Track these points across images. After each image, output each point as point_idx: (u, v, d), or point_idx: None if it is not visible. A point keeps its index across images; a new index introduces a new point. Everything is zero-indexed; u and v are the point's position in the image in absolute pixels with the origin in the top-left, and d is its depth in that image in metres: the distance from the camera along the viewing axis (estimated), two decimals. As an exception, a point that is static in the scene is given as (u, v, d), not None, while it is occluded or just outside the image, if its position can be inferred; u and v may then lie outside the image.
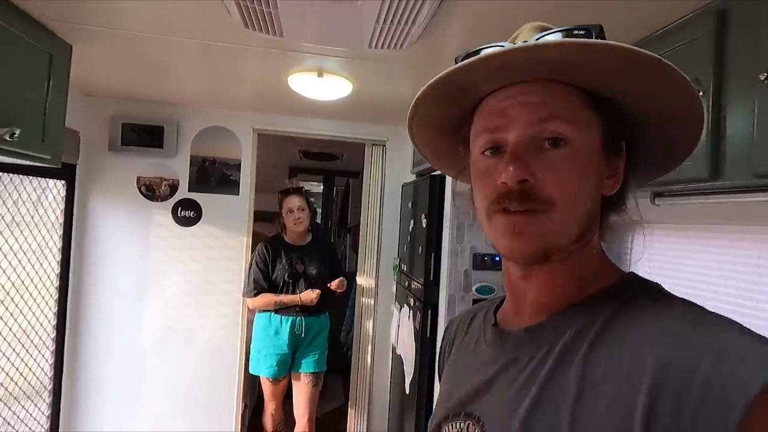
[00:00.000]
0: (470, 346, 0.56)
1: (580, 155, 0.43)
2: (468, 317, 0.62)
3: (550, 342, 0.44)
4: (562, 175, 0.43)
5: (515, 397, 0.43)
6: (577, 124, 0.43)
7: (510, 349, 0.48)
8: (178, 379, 2.60)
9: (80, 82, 2.27)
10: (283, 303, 2.35)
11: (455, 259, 1.95)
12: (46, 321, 2.28)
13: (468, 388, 0.51)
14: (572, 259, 0.46)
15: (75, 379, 2.49)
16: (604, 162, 0.45)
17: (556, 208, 0.42)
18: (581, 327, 0.43)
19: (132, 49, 1.73)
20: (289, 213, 2.42)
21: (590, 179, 0.44)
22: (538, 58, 0.42)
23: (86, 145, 2.46)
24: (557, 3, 1.16)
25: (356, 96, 2.12)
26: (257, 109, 2.63)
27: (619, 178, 0.46)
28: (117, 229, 2.54)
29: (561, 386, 0.41)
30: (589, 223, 0.46)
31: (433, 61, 1.69)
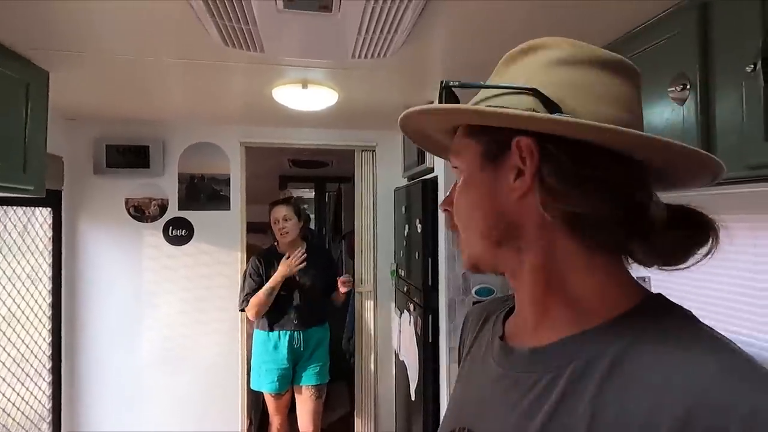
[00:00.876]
0: (479, 355, 0.55)
1: (464, 182, 0.49)
2: (481, 315, 0.60)
3: (556, 368, 0.42)
4: (456, 204, 0.50)
5: (518, 423, 0.43)
6: (460, 154, 0.50)
7: (514, 369, 0.47)
8: (179, 399, 2.57)
9: (61, 107, 2.22)
10: (272, 288, 2.26)
11: (452, 263, 1.94)
12: (39, 350, 2.23)
13: (473, 404, 0.51)
14: (528, 272, 0.46)
15: (74, 407, 2.45)
16: (491, 172, 0.46)
17: (460, 228, 0.50)
18: (592, 357, 0.40)
19: (112, 71, 1.70)
20: (275, 223, 2.38)
21: (475, 197, 0.48)
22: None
23: (70, 169, 2.42)
24: (538, 3, 1.16)
25: (343, 104, 2.10)
26: (243, 123, 2.60)
27: (525, 175, 0.43)
28: (108, 253, 2.50)
29: (569, 422, 0.39)
30: (503, 235, 0.46)
31: (418, 64, 1.68)
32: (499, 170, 0.45)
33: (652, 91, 1.15)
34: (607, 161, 0.41)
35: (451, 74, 1.80)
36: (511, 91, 0.44)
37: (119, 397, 2.50)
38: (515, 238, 0.45)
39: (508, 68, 0.48)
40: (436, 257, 2.04)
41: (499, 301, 0.59)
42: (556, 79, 0.43)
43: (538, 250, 0.44)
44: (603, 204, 0.41)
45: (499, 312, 0.57)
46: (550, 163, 0.42)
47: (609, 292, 0.43)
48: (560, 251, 0.44)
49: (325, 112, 2.23)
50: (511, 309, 0.55)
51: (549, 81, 0.43)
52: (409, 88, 1.97)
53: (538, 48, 0.46)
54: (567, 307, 0.44)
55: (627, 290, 0.44)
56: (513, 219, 0.45)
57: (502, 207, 0.45)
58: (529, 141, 0.43)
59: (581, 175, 0.41)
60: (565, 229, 0.43)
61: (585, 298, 0.43)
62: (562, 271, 0.44)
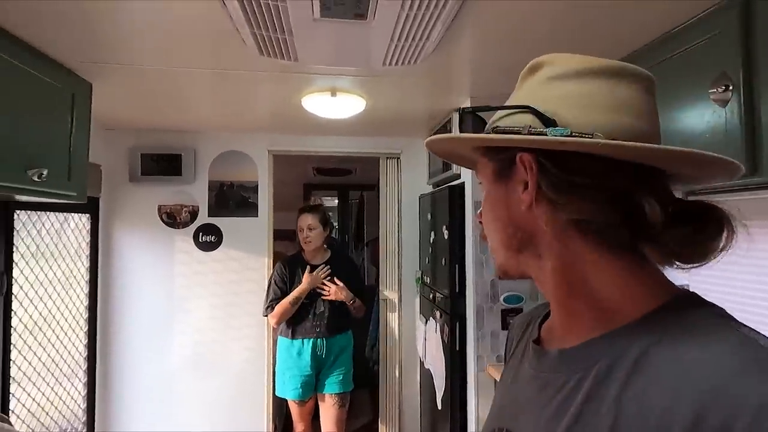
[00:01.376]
0: (518, 359, 0.57)
1: (485, 194, 0.54)
2: (525, 321, 0.62)
3: (583, 370, 0.43)
4: (483, 213, 0.55)
5: (547, 424, 0.44)
6: (479, 173, 0.55)
7: (545, 370, 0.48)
8: (209, 403, 2.61)
9: (100, 116, 2.32)
10: (297, 298, 2.29)
11: (480, 270, 1.93)
12: (76, 352, 2.31)
13: (511, 405, 0.53)
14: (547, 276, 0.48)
15: (107, 408, 2.51)
16: (502, 185, 0.50)
17: (487, 238, 0.54)
18: (616, 357, 0.41)
19: (148, 82, 1.77)
20: (300, 231, 2.40)
21: (493, 210, 0.52)
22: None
23: (108, 177, 2.52)
24: (570, 3, 1.15)
25: (370, 112, 2.13)
26: (272, 131, 2.66)
27: (530, 188, 0.46)
28: (141, 258, 2.58)
29: (593, 422, 0.40)
30: (519, 242, 0.49)
31: (446, 71, 1.69)
32: (510, 184, 0.49)
33: (690, 93, 1.13)
34: (602, 167, 0.43)
35: (479, 80, 1.81)
36: (515, 110, 0.48)
37: (151, 399, 2.55)
38: (533, 245, 0.48)
39: (520, 87, 0.52)
40: (464, 264, 2.02)
41: (542, 307, 0.60)
42: (551, 94, 0.47)
43: (555, 255, 0.46)
44: (600, 209, 0.43)
45: (538, 316, 0.58)
46: (546, 175, 0.45)
47: (633, 291, 0.44)
48: (575, 255, 0.45)
49: (352, 119, 2.26)
50: (548, 314, 0.56)
51: (545, 97, 0.47)
52: (437, 95, 1.98)
53: (538, 66, 0.50)
54: (591, 309, 0.45)
55: (653, 289, 0.44)
56: (527, 228, 0.48)
57: (516, 217, 0.48)
58: (529, 156, 0.46)
59: (574, 184, 0.43)
60: (575, 234, 0.45)
61: (608, 298, 0.44)
62: (581, 273, 0.45)
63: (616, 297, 0.44)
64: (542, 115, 0.45)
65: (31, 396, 1.93)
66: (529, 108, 0.46)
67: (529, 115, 0.46)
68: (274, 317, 2.35)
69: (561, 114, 0.45)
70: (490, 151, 0.52)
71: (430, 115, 2.28)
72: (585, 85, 0.46)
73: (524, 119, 0.47)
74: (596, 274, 0.44)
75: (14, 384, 1.83)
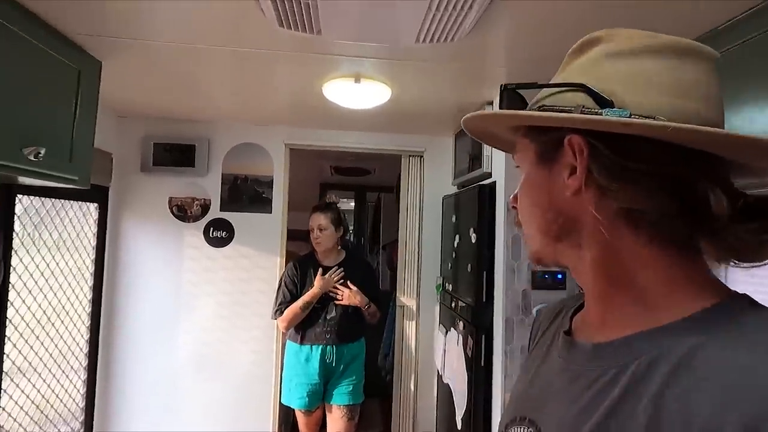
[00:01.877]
0: (545, 347, 0.55)
1: (524, 178, 0.51)
2: (554, 311, 0.60)
3: (620, 365, 0.41)
4: (519, 198, 0.52)
5: (577, 417, 0.42)
6: (519, 156, 0.51)
7: (577, 363, 0.46)
8: (212, 406, 2.47)
9: (113, 102, 2.24)
10: (308, 303, 2.15)
11: (511, 277, 1.75)
12: (77, 347, 2.20)
13: (535, 395, 0.51)
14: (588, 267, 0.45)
15: (107, 405, 2.40)
16: (545, 170, 0.47)
17: (523, 224, 0.52)
18: (658, 355, 0.38)
19: (163, 61, 1.65)
20: (311, 231, 2.26)
21: (533, 194, 0.49)
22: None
23: (119, 166, 2.42)
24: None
25: (394, 103, 1.98)
26: (289, 124, 2.54)
27: (579, 173, 0.43)
28: (149, 252, 2.47)
29: (629, 420, 0.38)
30: (559, 229, 0.46)
31: (479, 59, 1.54)
32: (554, 168, 0.46)
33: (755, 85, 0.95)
34: (659, 153, 0.39)
35: (515, 70, 1.64)
36: (563, 89, 0.45)
37: (152, 398, 2.43)
38: (574, 233, 0.45)
39: (569, 64, 0.48)
40: (492, 270, 1.84)
41: (574, 298, 0.58)
42: (608, 73, 0.43)
43: (598, 246, 0.44)
44: (656, 198, 0.40)
45: (570, 307, 0.56)
46: (598, 160, 0.41)
47: (681, 288, 0.41)
48: (621, 246, 0.43)
49: (375, 112, 2.12)
50: (582, 305, 0.53)
51: (601, 75, 0.43)
52: (467, 86, 1.82)
53: (593, 42, 0.46)
54: (633, 304, 0.43)
55: (703, 288, 0.41)
56: (570, 215, 0.45)
57: (559, 204, 0.46)
58: (579, 139, 0.42)
59: (630, 170, 0.40)
60: (623, 223, 0.42)
61: (653, 294, 0.42)
62: (625, 266, 0.43)
63: (661, 293, 0.41)
64: (597, 95, 0.42)
65: (24, 393, 1.82)
66: (583, 86, 0.43)
67: (582, 93, 0.43)
68: (283, 321, 2.20)
69: (618, 94, 0.42)
70: (532, 132, 0.48)
71: (458, 108, 2.11)
72: (646, 64, 0.42)
73: (576, 98, 0.43)
74: (642, 268, 0.42)
75: (6, 379, 1.72)
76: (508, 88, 0.51)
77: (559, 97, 0.45)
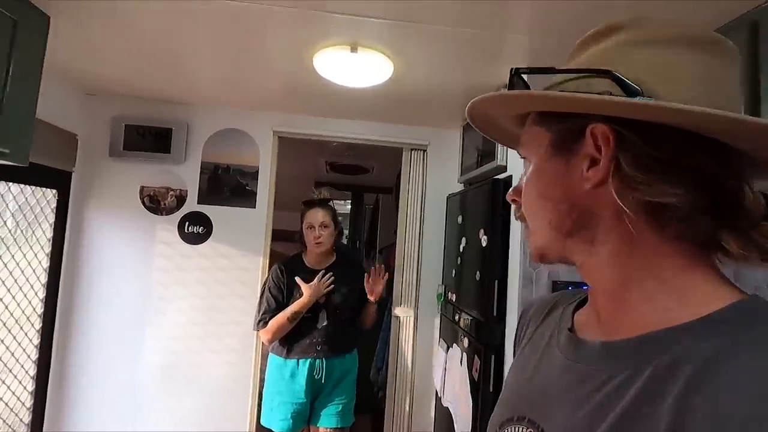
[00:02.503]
0: (542, 343, 0.52)
1: (533, 169, 0.47)
2: (547, 305, 0.57)
3: (634, 366, 0.38)
4: (525, 191, 0.49)
5: (586, 420, 0.40)
6: (530, 143, 0.48)
7: (584, 362, 0.44)
8: (180, 424, 2.18)
9: (79, 77, 1.98)
10: (296, 313, 1.88)
11: (528, 288, 1.48)
12: (23, 353, 1.91)
13: (533, 394, 0.48)
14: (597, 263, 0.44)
15: (59, 419, 2.10)
16: (560, 160, 0.44)
17: (528, 218, 0.49)
18: (678, 358, 0.36)
19: (134, 22, 1.40)
20: (310, 229, 1.98)
21: (545, 183, 0.46)
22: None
23: (84, 149, 2.15)
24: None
25: (396, 84, 1.73)
26: (278, 108, 2.28)
27: (600, 163, 0.41)
28: (115, 246, 2.19)
29: (647, 421, 0.36)
30: (572, 223, 0.44)
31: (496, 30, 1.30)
32: (571, 159, 0.43)
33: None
34: (690, 147, 0.38)
35: (535, 43, 1.40)
36: (585, 75, 0.42)
37: (111, 414, 2.14)
38: (588, 228, 0.43)
39: (584, 51, 0.45)
40: (505, 280, 1.58)
41: (569, 294, 0.56)
42: (635, 61, 0.41)
43: (614, 242, 0.42)
44: (687, 193, 0.38)
45: (568, 303, 0.54)
46: (628, 150, 0.40)
47: (697, 288, 0.40)
48: (639, 243, 0.41)
49: (374, 96, 1.86)
50: (582, 301, 0.52)
51: (627, 63, 0.41)
52: (479, 62, 1.57)
53: (616, 28, 0.43)
54: (647, 301, 0.41)
55: (719, 287, 0.40)
56: (586, 209, 0.43)
57: (574, 197, 0.43)
58: (604, 128, 0.40)
59: (662, 162, 0.39)
60: (645, 219, 0.40)
61: (668, 292, 0.40)
62: (641, 264, 0.41)
63: (678, 291, 0.40)
64: (625, 82, 0.40)
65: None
66: (609, 72, 0.40)
67: (606, 80, 0.40)
68: (267, 333, 1.92)
69: (647, 83, 0.39)
70: (548, 119, 0.45)
71: (467, 95, 1.86)
72: (678, 54, 0.40)
73: (598, 85, 0.41)
74: (658, 267, 0.40)
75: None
76: (520, 72, 0.47)
77: (582, 82, 0.42)
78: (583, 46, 0.46)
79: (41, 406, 2.02)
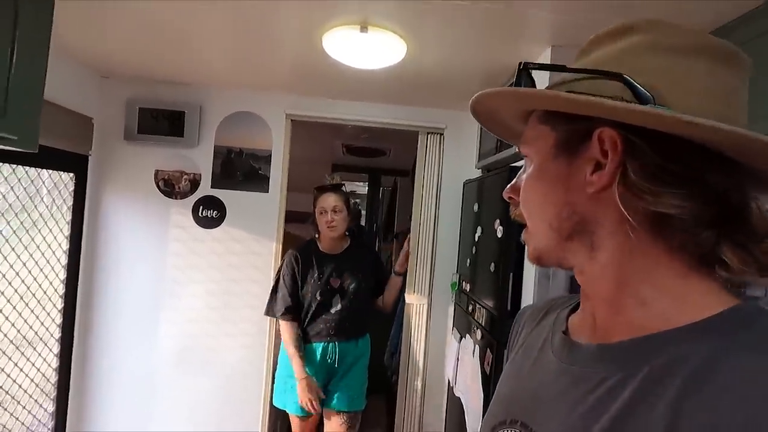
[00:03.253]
0: (536, 347, 0.52)
1: (533, 170, 0.46)
2: (541, 310, 0.57)
3: (629, 368, 0.39)
4: (525, 190, 0.48)
5: (580, 421, 0.40)
6: (533, 141, 0.47)
7: (578, 365, 0.44)
8: (195, 405, 2.24)
9: (94, 60, 1.97)
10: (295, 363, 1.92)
11: (545, 284, 1.41)
12: (47, 333, 1.98)
13: (526, 397, 0.48)
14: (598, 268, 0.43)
15: (82, 398, 2.19)
16: (564, 162, 0.43)
17: (526, 218, 0.48)
18: (673, 360, 0.37)
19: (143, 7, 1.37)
20: (322, 214, 1.97)
21: (546, 184, 0.45)
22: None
23: (100, 133, 2.16)
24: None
25: (410, 65, 1.64)
26: (291, 90, 2.22)
27: (606, 169, 0.40)
28: (132, 230, 2.22)
29: (642, 423, 0.36)
30: (572, 227, 0.43)
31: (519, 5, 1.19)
32: (575, 161, 0.43)
33: None
34: (699, 159, 0.38)
35: (559, 21, 1.29)
36: (596, 76, 0.41)
37: (129, 394, 2.21)
38: (587, 233, 0.43)
39: (596, 49, 0.44)
40: (521, 273, 1.51)
41: (563, 298, 0.56)
42: (649, 66, 0.40)
43: (613, 248, 0.42)
44: (693, 205, 0.38)
45: (562, 308, 0.53)
46: (636, 158, 0.39)
47: (694, 294, 0.40)
48: (637, 250, 0.41)
49: (387, 77, 1.78)
50: (577, 305, 0.51)
51: (641, 67, 0.40)
52: (498, 41, 1.47)
53: (631, 30, 0.42)
54: (641, 307, 0.41)
55: (716, 294, 0.40)
56: (586, 214, 0.43)
57: (575, 200, 0.43)
58: (613, 133, 0.40)
59: (670, 173, 0.38)
60: (647, 228, 0.40)
61: (664, 299, 0.40)
62: (639, 270, 0.41)
63: (675, 297, 0.40)
64: (637, 88, 0.39)
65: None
66: (620, 76, 0.39)
67: (618, 83, 0.39)
68: (283, 332, 1.97)
69: (661, 91, 0.39)
70: (554, 118, 0.44)
71: (487, 74, 1.75)
72: (693, 64, 0.39)
73: (610, 88, 0.40)
74: (656, 272, 0.40)
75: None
76: (528, 68, 0.46)
77: (593, 84, 0.41)
78: (595, 44, 0.45)
79: (65, 381, 2.10)
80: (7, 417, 1.76)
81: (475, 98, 0.47)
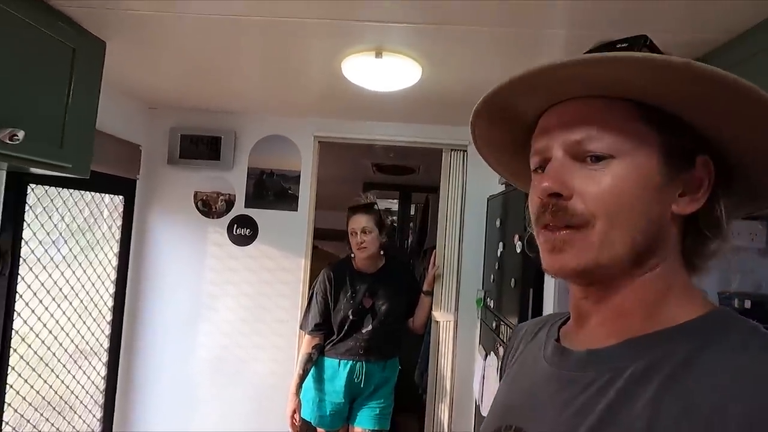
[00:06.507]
0: (530, 358, 0.54)
1: (627, 170, 0.42)
2: (537, 326, 0.59)
3: (615, 369, 0.41)
4: (603, 190, 0.42)
5: (570, 421, 0.41)
6: (621, 138, 0.42)
7: (569, 369, 0.45)
8: (230, 415, 2.33)
9: (142, 93, 2.17)
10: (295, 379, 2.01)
11: (565, 299, 1.38)
12: (97, 343, 2.15)
13: (522, 403, 0.49)
14: (639, 283, 0.43)
15: (126, 405, 2.33)
16: (667, 177, 0.42)
17: (597, 225, 0.42)
18: (654, 360, 0.39)
19: (182, 46, 1.53)
20: (353, 235, 2.00)
21: (642, 195, 0.42)
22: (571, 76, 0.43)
23: (147, 159, 2.36)
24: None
25: (427, 86, 1.69)
26: (318, 114, 2.33)
27: (699, 196, 0.42)
28: (173, 247, 2.38)
29: (625, 421, 0.37)
30: (649, 243, 0.42)
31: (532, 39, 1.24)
32: (676, 177, 0.42)
33: None
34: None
35: (572, 35, 1.30)
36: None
37: (168, 400, 2.34)
38: (649, 252, 0.42)
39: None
40: (541, 287, 1.49)
41: (557, 315, 0.57)
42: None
43: (660, 269, 0.43)
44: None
45: (554, 321, 0.55)
46: (725, 196, 0.43)
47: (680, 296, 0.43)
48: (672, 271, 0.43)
49: (406, 98, 1.84)
50: (567, 319, 0.53)
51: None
52: (514, 64, 1.48)
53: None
54: (642, 315, 0.43)
55: (695, 298, 0.43)
56: (662, 233, 0.42)
57: (662, 217, 0.42)
58: (710, 164, 0.42)
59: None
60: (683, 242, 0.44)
61: (658, 304, 0.42)
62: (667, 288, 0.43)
63: (665, 303, 0.42)
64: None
65: (34, 388, 1.76)
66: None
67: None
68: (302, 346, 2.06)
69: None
70: (653, 121, 0.42)
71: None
72: None
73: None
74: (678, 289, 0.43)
75: (13, 374, 1.67)
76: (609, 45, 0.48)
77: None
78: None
79: (112, 389, 2.26)
80: (61, 421, 1.91)
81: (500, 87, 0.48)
